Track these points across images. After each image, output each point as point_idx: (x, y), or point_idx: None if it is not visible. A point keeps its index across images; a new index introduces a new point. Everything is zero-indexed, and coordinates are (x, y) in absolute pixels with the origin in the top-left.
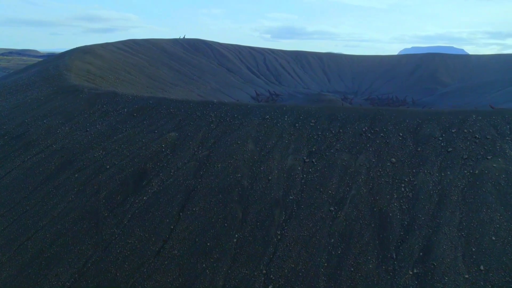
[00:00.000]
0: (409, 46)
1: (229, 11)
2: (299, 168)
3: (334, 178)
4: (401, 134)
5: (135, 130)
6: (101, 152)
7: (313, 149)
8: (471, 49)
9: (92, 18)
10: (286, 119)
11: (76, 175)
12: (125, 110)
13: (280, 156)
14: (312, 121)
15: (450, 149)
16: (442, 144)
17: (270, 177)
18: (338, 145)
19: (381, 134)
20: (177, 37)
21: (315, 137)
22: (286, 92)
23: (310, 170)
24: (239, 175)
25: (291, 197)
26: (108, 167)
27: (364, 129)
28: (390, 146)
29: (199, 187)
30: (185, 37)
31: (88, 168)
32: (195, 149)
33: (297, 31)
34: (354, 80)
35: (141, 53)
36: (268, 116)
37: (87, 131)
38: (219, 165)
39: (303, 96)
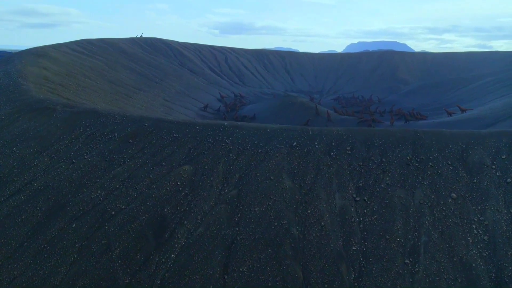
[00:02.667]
0: (355, 41)
1: (176, 6)
2: (352, 210)
3: (398, 222)
4: (449, 163)
5: (137, 162)
6: (99, 192)
7: (360, 184)
8: (412, 44)
9: (29, 13)
10: (317, 146)
11: (74, 225)
12: (116, 134)
13: (326, 195)
14: (347, 148)
15: (509, 180)
16: (497, 173)
17: (322, 223)
18: (387, 179)
19: (430, 164)
20: (128, 34)
21: (357, 168)
22: (252, 93)
23: (365, 211)
24: (284, 221)
25: (354, 248)
26: (113, 213)
27: (408, 157)
28: (443, 178)
29: (238, 238)
30: (142, 35)
31: (88, 215)
32: (220, 187)
33: (246, 26)
34: (317, 79)
35: (97, 54)
36: (295, 143)
37: (73, 162)
38: (256, 209)
39: (270, 97)
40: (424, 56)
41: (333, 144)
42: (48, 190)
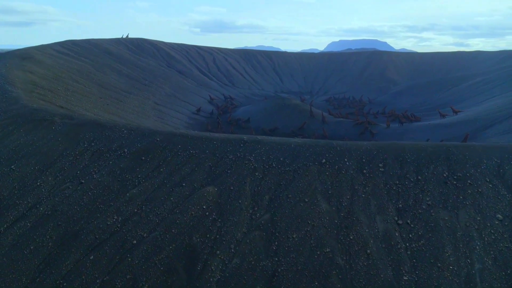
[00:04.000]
0: (336, 39)
1: (156, 4)
2: (396, 234)
3: (447, 247)
4: (488, 180)
5: (153, 182)
6: (115, 217)
7: (400, 205)
8: (392, 42)
9: (5, 10)
10: (348, 163)
11: (92, 257)
12: (126, 150)
13: (366, 218)
14: (380, 165)
15: None
16: None
17: (368, 250)
18: (427, 199)
19: (468, 181)
20: (109, 33)
21: (394, 188)
22: (241, 94)
23: (410, 236)
24: (327, 249)
25: (405, 278)
26: (134, 242)
27: (445, 175)
28: (485, 197)
29: (280, 270)
30: (128, 36)
31: (106, 244)
32: (250, 211)
33: (227, 24)
34: (306, 79)
35: (83, 56)
36: (324, 160)
37: (82, 183)
38: (294, 236)
39: (261, 99)
40: (412, 56)
41: (364, 160)
42: (56, 215)
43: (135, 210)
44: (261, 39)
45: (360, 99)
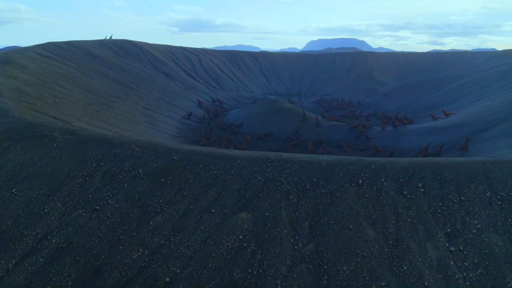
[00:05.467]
0: (315, 38)
1: (133, 3)
2: (451, 263)
3: (508, 277)
4: None
5: (178, 209)
6: (140, 250)
7: (448, 230)
8: (370, 40)
9: None
10: (385, 183)
11: None
12: (140, 171)
13: (416, 245)
14: (419, 185)
15: None
16: None
17: (426, 283)
18: (476, 222)
19: None
20: (85, 32)
21: (438, 210)
22: (230, 97)
23: (465, 264)
24: (383, 283)
25: None
26: (167, 280)
27: (488, 195)
28: None
29: None
30: (112, 37)
31: (135, 283)
32: (291, 240)
33: (205, 23)
34: (293, 81)
35: (67, 59)
36: (361, 181)
37: (96, 209)
38: (344, 268)
39: (250, 101)
40: (397, 57)
41: (402, 180)
42: (72, 248)
43: (162, 242)
44: (240, 38)
45: (349, 100)
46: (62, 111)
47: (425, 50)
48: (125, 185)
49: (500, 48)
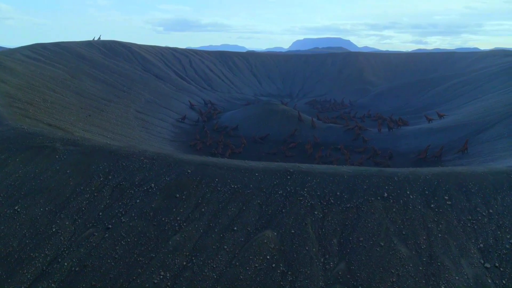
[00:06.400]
0: (301, 37)
1: (117, 2)
2: (489, 281)
3: None
4: None
5: (198, 226)
6: (162, 273)
7: (481, 245)
8: (355, 40)
9: None
10: (411, 196)
11: None
12: (153, 185)
13: (451, 262)
14: (445, 197)
15: None
16: None
17: None
18: (508, 237)
19: None
20: (69, 32)
21: (468, 224)
22: (222, 98)
23: (504, 282)
24: None
25: None
26: None
27: None
28: None
29: None
30: (100, 38)
31: None
32: (321, 259)
33: (191, 23)
34: (284, 81)
35: (55, 61)
36: (386, 194)
37: (108, 228)
38: None
39: (243, 103)
40: (388, 57)
41: (427, 192)
42: (87, 272)
43: (184, 263)
44: (226, 38)
45: (342, 101)
46: (55, 117)
47: (409, 49)
48: (138, 201)
49: (482, 47)
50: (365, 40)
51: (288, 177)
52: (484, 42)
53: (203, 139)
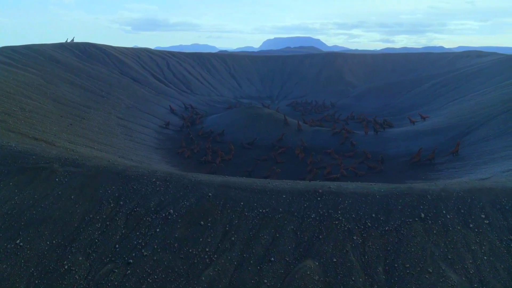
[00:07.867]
0: (271, 37)
1: (82, 1)
2: None
3: None
4: None
5: (231, 258)
6: None
7: None
8: (324, 39)
9: None
10: (448, 216)
11: None
12: (172, 211)
13: (502, 286)
14: (482, 216)
15: None
16: None
17: None
18: None
19: None
20: (34, 32)
21: (511, 245)
22: (202, 101)
23: None
24: None
25: None
26: None
27: None
28: None
29: None
30: (74, 40)
31: None
32: None
33: (160, 22)
34: (263, 83)
35: (29, 66)
36: (423, 215)
37: (130, 263)
38: None
39: (223, 106)
40: (364, 58)
41: (463, 211)
42: None
43: None
44: (195, 37)
45: (323, 103)
46: (38, 128)
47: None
48: (157, 230)
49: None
50: (334, 39)
51: (319, 198)
52: (448, 41)
53: (191, 146)
